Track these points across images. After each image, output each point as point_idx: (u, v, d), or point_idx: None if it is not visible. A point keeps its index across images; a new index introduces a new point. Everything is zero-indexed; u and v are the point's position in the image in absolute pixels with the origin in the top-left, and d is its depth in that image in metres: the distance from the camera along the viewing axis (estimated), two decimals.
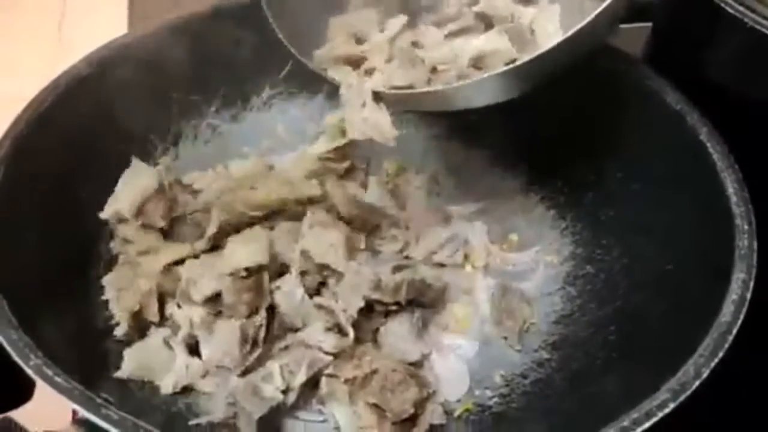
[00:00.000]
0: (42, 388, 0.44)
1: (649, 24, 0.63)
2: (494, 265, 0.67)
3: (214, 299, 0.55)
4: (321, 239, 0.56)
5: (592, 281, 0.64)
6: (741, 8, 0.51)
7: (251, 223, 0.61)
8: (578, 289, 0.64)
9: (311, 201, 0.61)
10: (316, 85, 0.75)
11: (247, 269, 0.55)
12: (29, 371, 0.44)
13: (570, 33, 0.50)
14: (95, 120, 0.63)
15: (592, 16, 0.49)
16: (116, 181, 0.65)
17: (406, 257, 0.64)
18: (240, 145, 0.73)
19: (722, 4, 0.51)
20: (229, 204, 0.59)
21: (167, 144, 0.70)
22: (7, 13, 0.99)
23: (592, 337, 0.60)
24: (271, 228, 0.60)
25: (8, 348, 0.45)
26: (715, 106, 0.57)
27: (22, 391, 0.53)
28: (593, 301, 0.62)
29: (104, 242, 0.63)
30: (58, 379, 0.44)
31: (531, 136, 0.70)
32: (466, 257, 0.66)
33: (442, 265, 0.65)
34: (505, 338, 0.62)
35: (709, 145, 0.56)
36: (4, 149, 0.56)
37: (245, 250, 0.55)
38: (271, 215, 0.61)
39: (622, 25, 0.62)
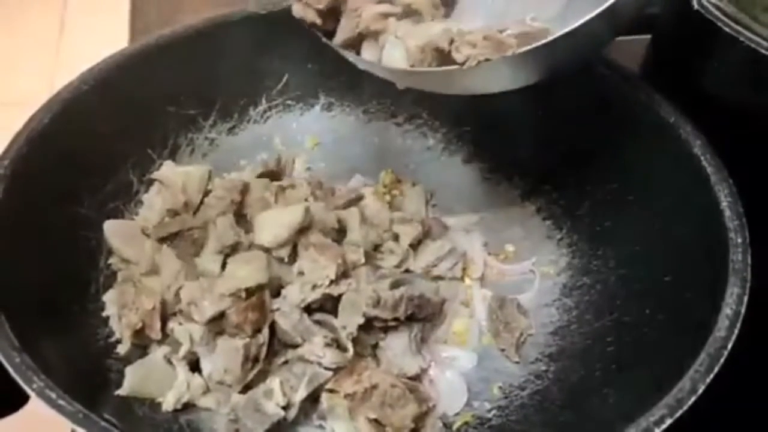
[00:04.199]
0: None
1: (648, 36, 0.64)
2: (491, 276, 0.68)
3: (217, 319, 0.55)
4: (316, 263, 0.57)
5: (589, 292, 0.64)
6: (737, 27, 0.51)
7: None
8: (575, 300, 0.64)
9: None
10: (312, 96, 0.76)
11: (247, 289, 0.55)
12: (32, 394, 0.45)
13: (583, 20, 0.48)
14: (93, 135, 0.64)
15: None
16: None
17: (406, 271, 0.64)
18: (237, 158, 0.73)
19: (718, 23, 0.52)
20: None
21: (164, 158, 0.70)
22: (7, 22, 0.99)
23: (590, 348, 0.60)
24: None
25: (11, 371, 0.45)
26: (710, 119, 0.58)
27: (19, 396, 0.53)
28: (590, 312, 0.63)
29: (104, 258, 0.63)
30: (61, 402, 0.44)
31: (526, 147, 0.70)
32: (464, 270, 0.66)
33: (440, 278, 0.65)
34: (503, 350, 0.62)
35: (703, 158, 0.57)
36: (3, 167, 0.56)
37: (245, 270, 0.55)
38: None
39: (621, 38, 0.62)
